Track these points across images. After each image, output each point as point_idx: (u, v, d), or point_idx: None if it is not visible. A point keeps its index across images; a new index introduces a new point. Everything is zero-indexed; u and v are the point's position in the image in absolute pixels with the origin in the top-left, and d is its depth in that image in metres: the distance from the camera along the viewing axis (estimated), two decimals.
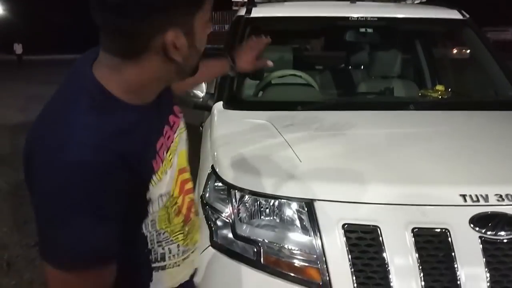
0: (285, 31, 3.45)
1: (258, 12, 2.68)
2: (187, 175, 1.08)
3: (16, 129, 7.65)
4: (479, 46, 2.73)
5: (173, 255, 1.04)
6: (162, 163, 0.92)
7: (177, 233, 1.03)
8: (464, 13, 2.78)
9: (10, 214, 4.05)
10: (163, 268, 1.03)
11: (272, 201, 1.51)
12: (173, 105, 1.06)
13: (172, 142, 0.99)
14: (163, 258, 1.02)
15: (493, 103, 2.48)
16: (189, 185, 1.09)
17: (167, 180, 0.94)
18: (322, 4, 2.93)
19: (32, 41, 39.86)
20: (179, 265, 1.06)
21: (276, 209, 1.50)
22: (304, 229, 1.45)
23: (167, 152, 0.95)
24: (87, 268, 0.79)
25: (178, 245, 1.04)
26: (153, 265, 1.01)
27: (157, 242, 1.00)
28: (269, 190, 1.51)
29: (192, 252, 1.11)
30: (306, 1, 3.03)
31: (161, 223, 0.98)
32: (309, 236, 1.43)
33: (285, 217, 1.49)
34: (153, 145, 0.91)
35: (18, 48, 26.25)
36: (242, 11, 2.74)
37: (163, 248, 1.01)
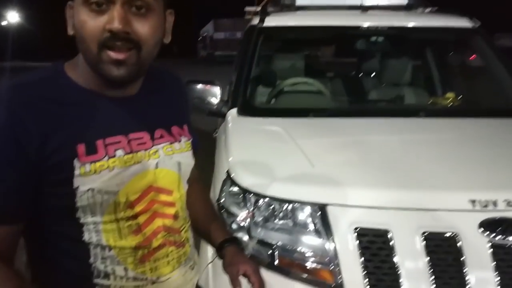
0: (297, 39, 3.50)
1: (271, 21, 2.73)
2: (169, 198, 0.99)
3: None
4: (489, 54, 2.75)
5: (120, 277, 0.94)
6: (105, 158, 0.88)
7: (126, 255, 0.93)
8: (476, 20, 2.80)
9: None
10: (107, 287, 0.94)
11: (286, 205, 1.55)
12: (174, 124, 1.03)
13: (146, 150, 0.94)
14: (106, 276, 0.93)
15: (503, 110, 2.50)
16: (170, 210, 1.00)
17: (108, 179, 0.88)
18: (334, 13, 2.97)
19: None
20: None
21: (289, 213, 1.55)
22: (317, 233, 1.49)
23: (128, 154, 0.91)
24: None
25: (125, 268, 0.94)
26: (95, 280, 0.93)
27: (101, 259, 0.92)
28: (283, 195, 1.56)
29: (152, 284, 0.97)
30: (318, 10, 3.07)
31: (109, 237, 0.91)
32: (322, 239, 1.47)
33: (298, 221, 1.53)
34: (90, 131, 0.88)
35: None
36: (255, 21, 2.80)
37: (106, 267, 0.92)
